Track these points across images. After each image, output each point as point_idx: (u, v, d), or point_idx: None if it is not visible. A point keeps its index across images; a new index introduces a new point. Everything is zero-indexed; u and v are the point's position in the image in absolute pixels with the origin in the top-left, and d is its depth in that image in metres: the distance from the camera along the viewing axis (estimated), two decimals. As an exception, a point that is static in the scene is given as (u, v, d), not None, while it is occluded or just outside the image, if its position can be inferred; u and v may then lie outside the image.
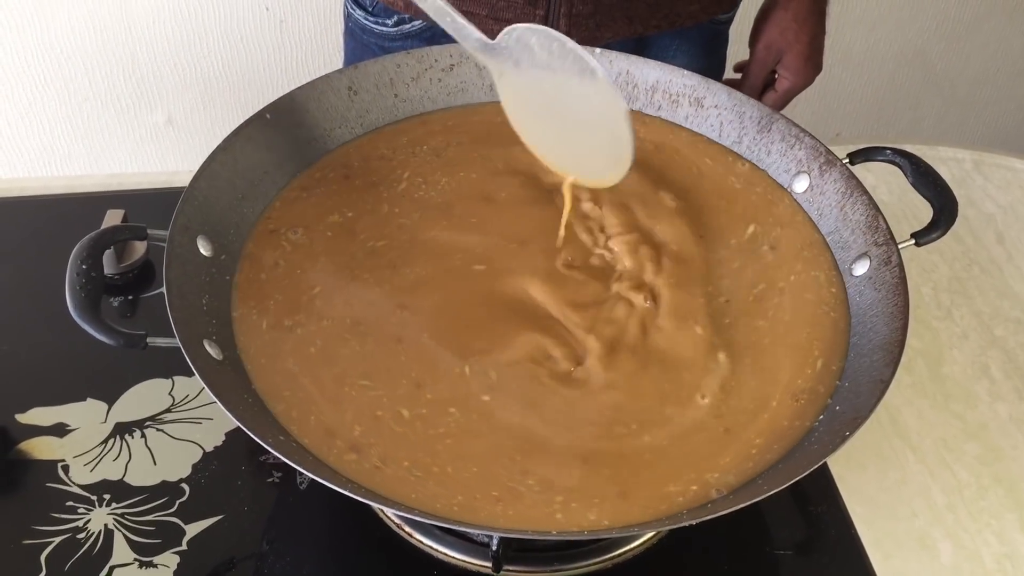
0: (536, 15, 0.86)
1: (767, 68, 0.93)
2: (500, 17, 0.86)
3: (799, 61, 0.92)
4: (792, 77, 0.93)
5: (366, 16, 0.95)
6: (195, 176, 0.65)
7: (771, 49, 0.93)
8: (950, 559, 0.69)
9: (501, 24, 0.86)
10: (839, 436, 0.54)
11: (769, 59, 0.93)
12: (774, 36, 0.92)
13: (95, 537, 0.66)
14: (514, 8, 0.86)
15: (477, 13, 0.86)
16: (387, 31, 0.94)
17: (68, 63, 1.50)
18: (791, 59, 0.92)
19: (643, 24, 0.90)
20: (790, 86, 0.93)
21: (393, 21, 0.93)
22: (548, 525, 0.54)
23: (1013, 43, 1.83)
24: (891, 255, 0.64)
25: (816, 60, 0.94)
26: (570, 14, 0.85)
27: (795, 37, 0.91)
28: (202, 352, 0.57)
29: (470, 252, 0.69)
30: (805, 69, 0.92)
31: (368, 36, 0.96)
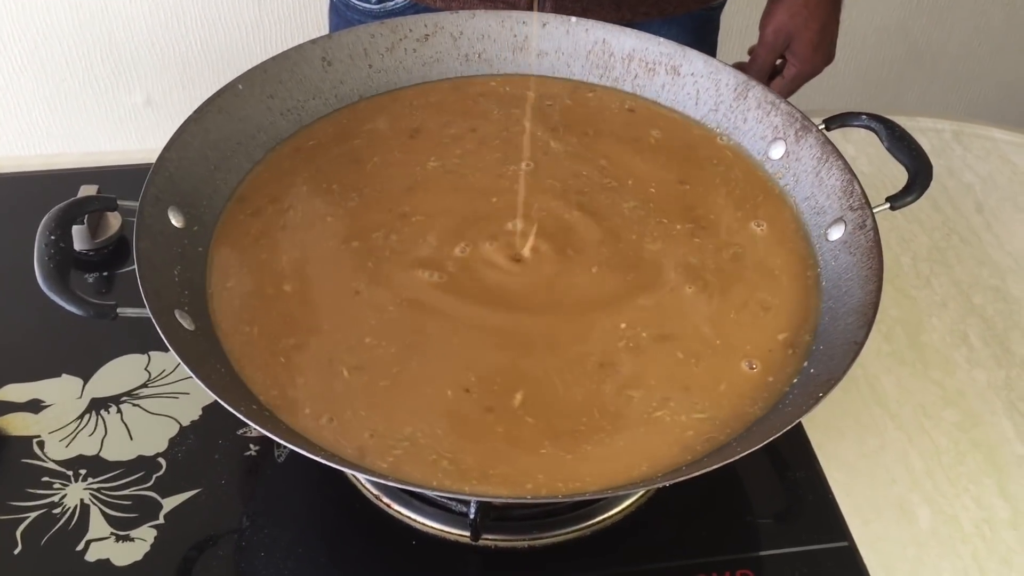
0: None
1: (775, 52, 0.92)
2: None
3: (807, 48, 0.90)
4: (799, 64, 0.91)
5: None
6: (166, 147, 0.64)
7: (780, 33, 0.91)
8: (928, 524, 0.69)
9: (486, 3, 0.85)
10: (813, 397, 0.54)
11: (777, 43, 0.91)
12: (783, 20, 0.90)
13: (71, 512, 0.65)
14: None
15: None
16: (371, 8, 0.93)
17: (45, 44, 1.48)
18: (799, 45, 0.91)
19: (631, 11, 0.89)
20: (797, 72, 0.92)
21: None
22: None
23: (994, 17, 1.83)
24: (865, 219, 0.64)
25: (826, 49, 0.92)
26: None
27: (804, 23, 0.90)
28: (173, 322, 0.56)
29: (448, 220, 0.68)
30: (814, 57, 0.91)
31: (352, 13, 0.95)
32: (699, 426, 0.58)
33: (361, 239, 0.67)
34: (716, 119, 0.76)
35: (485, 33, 0.78)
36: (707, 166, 0.73)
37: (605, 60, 0.78)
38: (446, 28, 0.77)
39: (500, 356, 0.61)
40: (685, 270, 0.66)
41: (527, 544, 0.65)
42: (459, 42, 0.78)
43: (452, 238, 0.67)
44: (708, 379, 0.61)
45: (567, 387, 0.60)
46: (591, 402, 0.59)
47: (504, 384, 0.59)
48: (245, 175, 0.70)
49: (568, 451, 0.57)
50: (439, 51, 0.78)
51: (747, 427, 0.57)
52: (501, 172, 0.72)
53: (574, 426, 0.58)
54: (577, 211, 0.69)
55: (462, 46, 0.78)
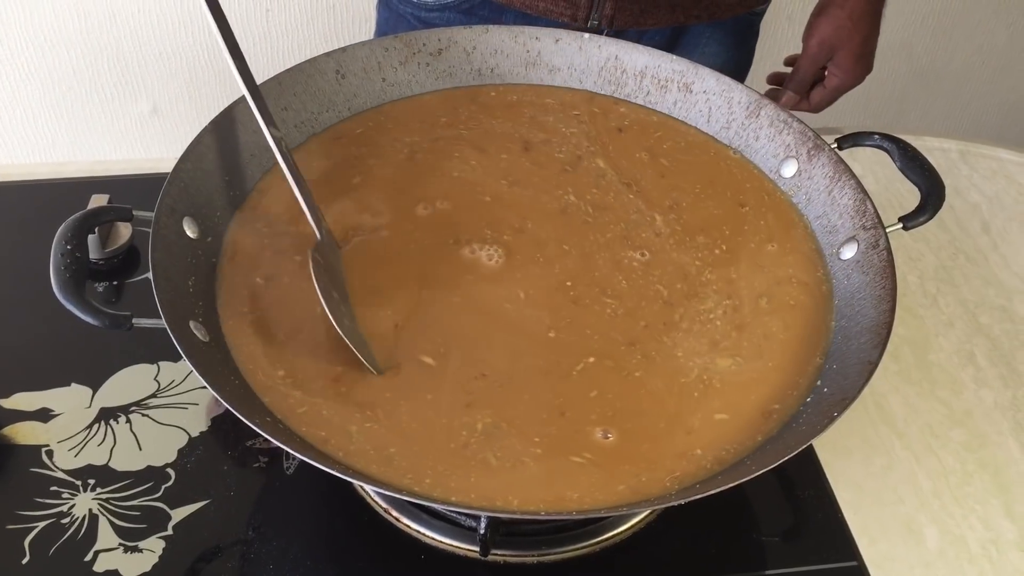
0: (579, 1, 0.85)
1: (818, 64, 0.93)
2: (537, 7, 0.86)
3: (850, 60, 0.92)
4: (842, 75, 0.93)
5: None
6: (181, 158, 0.64)
7: (824, 46, 0.92)
8: (936, 544, 0.69)
9: (547, 1, 0.85)
10: (827, 417, 0.54)
11: (821, 56, 0.93)
12: (828, 33, 0.92)
13: (79, 522, 0.65)
14: None
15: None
16: (425, 1, 0.92)
17: (52, 52, 1.48)
18: (843, 57, 0.92)
19: (684, 14, 0.90)
20: (839, 83, 0.93)
21: None
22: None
23: (998, 36, 1.83)
24: (879, 239, 0.64)
25: (867, 60, 0.94)
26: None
27: (849, 35, 0.91)
28: (188, 333, 0.56)
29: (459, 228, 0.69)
30: (856, 68, 0.93)
31: (405, 6, 0.94)
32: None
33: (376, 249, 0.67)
34: (728, 136, 0.76)
35: (498, 48, 0.78)
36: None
37: (617, 76, 0.78)
38: (459, 43, 0.77)
39: (513, 371, 0.61)
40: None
41: (536, 560, 0.65)
42: (472, 57, 0.78)
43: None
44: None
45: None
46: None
47: (510, 406, 0.59)
48: (257, 184, 0.70)
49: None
50: (452, 65, 0.78)
51: (759, 446, 0.57)
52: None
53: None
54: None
55: (475, 61, 0.78)
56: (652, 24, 0.88)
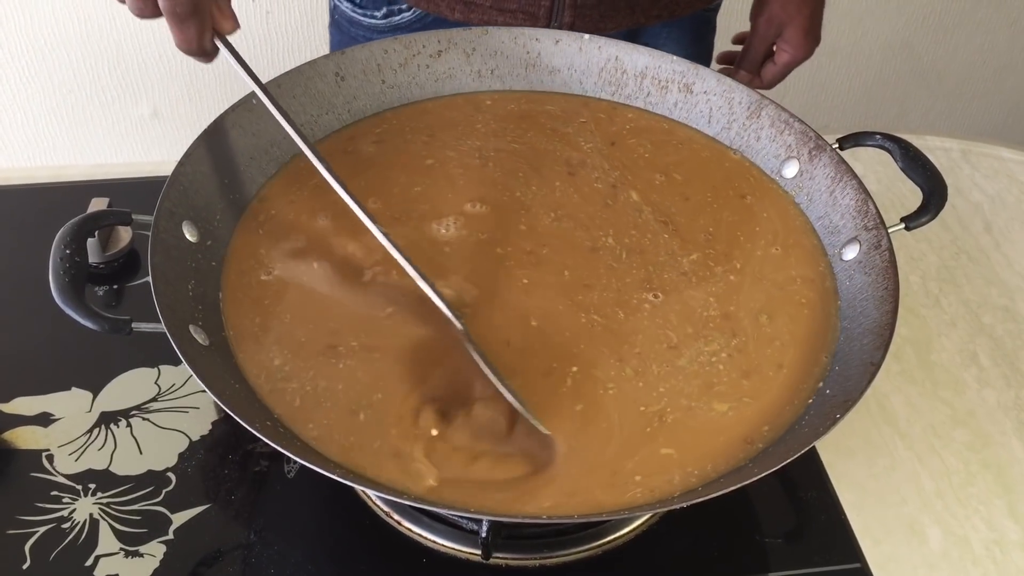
0: (541, 5, 0.85)
1: (768, 41, 0.93)
2: (504, 7, 0.86)
3: (799, 35, 0.92)
4: (792, 50, 0.92)
5: (353, 8, 0.94)
6: (181, 161, 0.64)
7: (772, 23, 0.92)
8: (939, 545, 0.69)
9: (506, 15, 0.86)
10: (829, 419, 0.54)
11: (770, 32, 0.93)
12: (775, 9, 0.92)
13: (80, 527, 0.65)
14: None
15: (481, 3, 0.86)
16: (376, 23, 0.93)
17: (52, 55, 1.48)
18: (792, 32, 0.92)
19: (644, 15, 0.90)
20: (790, 59, 0.93)
21: (382, 13, 0.92)
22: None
23: (1000, 36, 1.83)
24: (881, 239, 0.64)
25: (816, 33, 0.94)
26: (575, 4, 0.85)
27: (796, 10, 0.91)
28: (188, 337, 0.56)
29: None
30: (806, 42, 0.92)
31: (356, 28, 0.95)
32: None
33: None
34: (729, 137, 0.76)
35: (498, 50, 0.78)
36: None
37: (617, 77, 0.78)
38: (459, 44, 0.77)
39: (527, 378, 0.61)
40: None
41: (538, 563, 0.65)
42: (472, 58, 0.78)
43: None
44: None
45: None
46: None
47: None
48: (258, 188, 0.70)
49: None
50: (452, 67, 0.78)
51: (761, 449, 0.56)
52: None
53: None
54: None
55: (475, 62, 0.78)
56: (614, 27, 0.88)
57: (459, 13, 0.87)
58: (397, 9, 0.91)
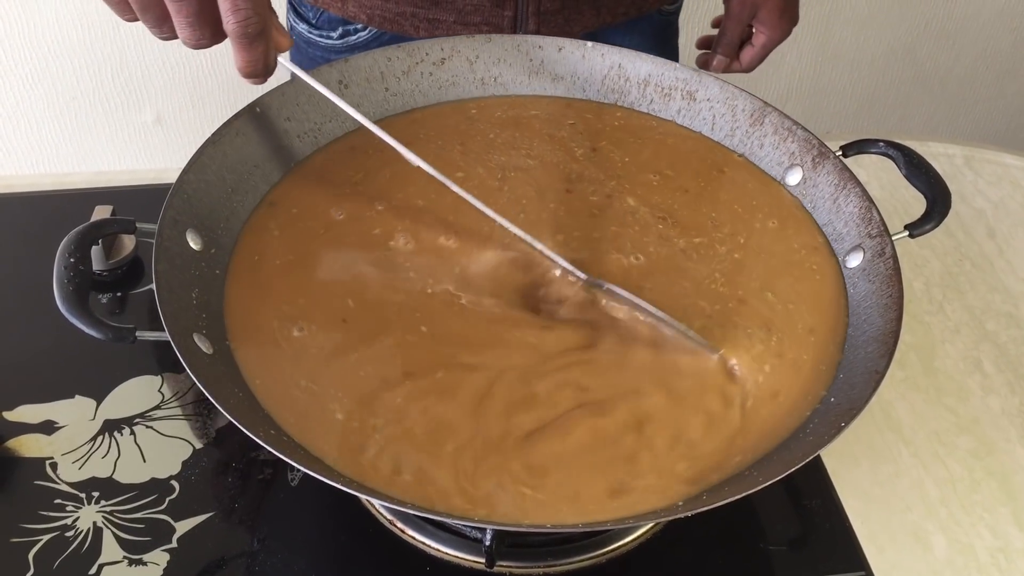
0: (504, 16, 0.85)
1: (743, 23, 0.92)
2: (468, 21, 0.86)
3: (775, 15, 0.91)
4: (768, 31, 0.91)
5: (310, 29, 0.93)
6: (184, 169, 0.64)
7: (746, 4, 0.91)
8: (944, 553, 0.68)
9: (470, 28, 0.86)
10: (834, 427, 0.54)
11: (744, 14, 0.92)
12: None
13: (84, 535, 0.65)
14: (482, 11, 0.85)
15: (444, 19, 0.86)
16: (332, 43, 0.92)
17: (56, 61, 1.49)
18: (766, 13, 0.91)
19: (611, 13, 0.89)
20: (766, 40, 0.92)
21: (338, 33, 0.91)
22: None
23: (1002, 41, 1.83)
24: (885, 247, 0.64)
25: (791, 13, 0.92)
26: (539, 12, 0.85)
27: None
28: (192, 346, 0.56)
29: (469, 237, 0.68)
30: (781, 22, 0.91)
31: (314, 49, 0.95)
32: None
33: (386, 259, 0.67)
34: (733, 144, 0.76)
35: (501, 57, 0.78)
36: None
37: (621, 85, 0.78)
38: (463, 52, 0.77)
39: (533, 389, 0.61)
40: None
41: (542, 572, 0.64)
42: (475, 66, 0.78)
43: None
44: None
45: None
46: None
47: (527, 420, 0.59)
48: (262, 196, 0.70)
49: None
50: (455, 75, 0.78)
51: (765, 456, 0.56)
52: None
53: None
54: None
55: (478, 70, 0.78)
56: (580, 30, 0.88)
57: (423, 31, 0.87)
58: (353, 29, 0.90)
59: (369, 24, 0.89)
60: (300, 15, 0.94)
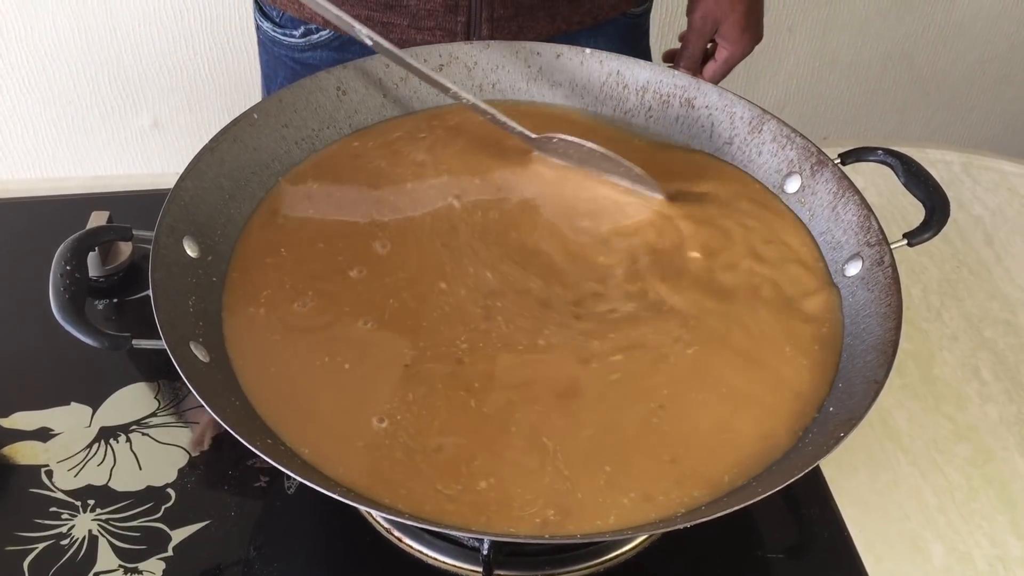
0: (458, 21, 0.85)
1: (705, 38, 0.92)
2: (422, 26, 0.85)
3: (736, 30, 0.91)
4: (731, 47, 0.91)
5: (274, 28, 0.93)
6: (182, 176, 0.64)
7: (707, 19, 0.91)
8: (942, 561, 0.68)
9: (424, 33, 0.85)
10: (833, 437, 0.53)
11: (706, 29, 0.92)
12: (710, 6, 0.91)
13: (79, 543, 0.65)
14: (435, 16, 0.85)
15: (398, 23, 0.86)
16: (296, 42, 0.92)
17: (52, 65, 1.48)
18: (728, 28, 0.91)
19: (566, 21, 0.89)
20: (728, 55, 0.92)
21: (300, 32, 0.91)
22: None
23: (999, 46, 1.83)
24: (884, 255, 0.64)
25: (754, 29, 0.92)
26: (491, 18, 0.85)
27: (730, 7, 0.90)
28: (188, 354, 0.56)
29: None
30: (743, 38, 0.91)
31: (279, 48, 0.94)
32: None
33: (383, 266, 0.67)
34: (731, 152, 0.76)
35: (499, 64, 0.78)
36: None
37: (619, 92, 0.78)
38: (460, 59, 0.77)
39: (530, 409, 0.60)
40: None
41: (540, 580, 0.64)
42: (473, 72, 0.78)
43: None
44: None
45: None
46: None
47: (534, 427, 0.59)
48: (259, 203, 0.70)
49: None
50: (454, 81, 0.77)
51: (764, 467, 0.56)
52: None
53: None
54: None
55: (476, 76, 0.78)
56: (534, 37, 0.87)
57: (378, 34, 0.87)
58: (315, 28, 0.90)
59: (325, 27, 0.89)
60: (265, 14, 0.94)
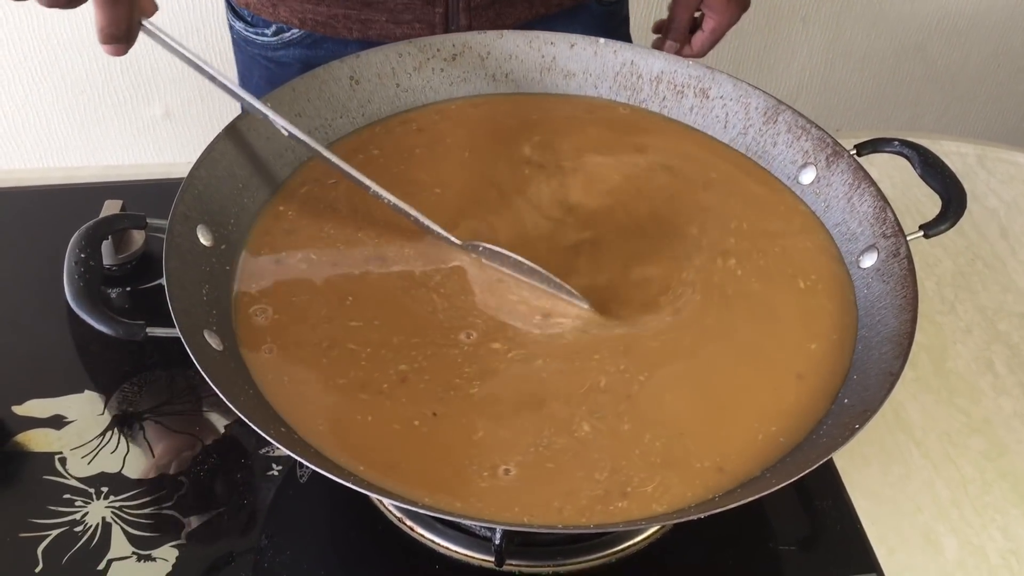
0: (436, 12, 0.85)
1: (691, 8, 0.91)
2: (400, 20, 0.85)
3: (721, 0, 0.90)
4: (717, 16, 0.90)
5: (247, 28, 0.93)
6: (195, 165, 0.64)
7: None
8: (955, 554, 0.68)
9: (403, 26, 0.85)
10: (848, 429, 0.53)
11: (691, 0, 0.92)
12: None
13: (93, 530, 0.65)
14: (413, 9, 0.85)
15: (376, 19, 0.85)
16: (268, 41, 0.92)
17: (65, 56, 1.48)
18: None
19: (545, 5, 0.89)
20: (715, 25, 0.91)
21: (272, 31, 0.91)
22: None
23: (1014, 39, 1.82)
24: (899, 247, 0.64)
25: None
26: (469, 7, 0.85)
27: None
28: (202, 342, 0.56)
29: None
30: (729, 7, 0.90)
31: (252, 48, 0.94)
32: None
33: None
34: (745, 143, 0.75)
35: (513, 53, 0.78)
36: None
37: (633, 82, 0.78)
38: (474, 48, 0.77)
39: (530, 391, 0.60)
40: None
41: (552, 571, 0.64)
42: (487, 62, 0.77)
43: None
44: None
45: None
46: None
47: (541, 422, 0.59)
48: (272, 192, 0.70)
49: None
50: (467, 71, 0.77)
51: (778, 458, 0.56)
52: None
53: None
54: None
55: (489, 66, 0.78)
56: (512, 23, 0.87)
57: (356, 32, 0.87)
58: (287, 26, 0.90)
59: (301, 28, 0.88)
60: (237, 13, 0.94)
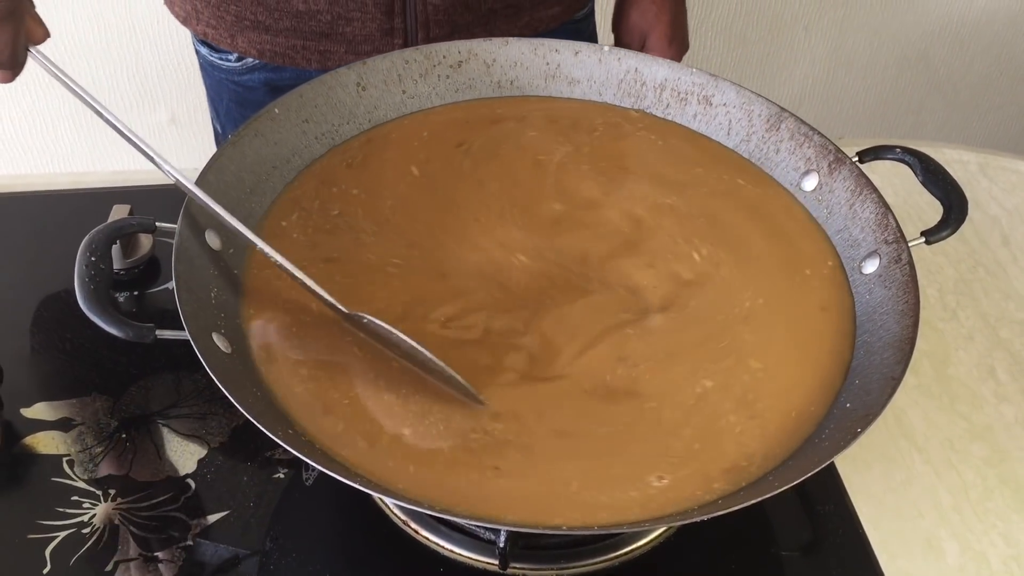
0: (395, 44, 0.85)
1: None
2: (359, 51, 0.86)
3: (663, 43, 0.91)
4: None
5: (211, 53, 0.94)
6: (204, 170, 0.65)
7: (633, 32, 0.92)
8: (956, 560, 0.68)
9: (361, 57, 0.85)
10: (850, 433, 0.54)
11: (633, 42, 0.92)
12: (635, 19, 0.91)
13: (100, 532, 0.65)
14: (372, 41, 0.85)
15: (335, 51, 0.86)
16: (233, 66, 0.92)
17: (72, 61, 1.49)
18: (654, 41, 0.91)
19: (504, 35, 0.89)
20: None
21: (235, 56, 0.91)
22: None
23: (1016, 47, 1.83)
24: (901, 253, 0.64)
25: (680, 40, 0.93)
26: (428, 39, 0.85)
27: (656, 18, 0.91)
28: (211, 345, 0.56)
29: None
30: (670, 50, 0.92)
31: (218, 72, 0.95)
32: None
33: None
34: (748, 149, 0.76)
35: (518, 61, 0.78)
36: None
37: (637, 89, 0.79)
38: (480, 55, 0.78)
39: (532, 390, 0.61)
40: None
41: (555, 574, 0.65)
42: (492, 69, 0.78)
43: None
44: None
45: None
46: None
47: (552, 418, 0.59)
48: (278, 196, 0.70)
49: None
50: (472, 78, 0.78)
51: (781, 462, 0.56)
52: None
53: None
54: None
55: (495, 73, 0.78)
56: None
57: (315, 63, 0.87)
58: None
59: (260, 59, 0.89)
60: (202, 40, 0.94)
